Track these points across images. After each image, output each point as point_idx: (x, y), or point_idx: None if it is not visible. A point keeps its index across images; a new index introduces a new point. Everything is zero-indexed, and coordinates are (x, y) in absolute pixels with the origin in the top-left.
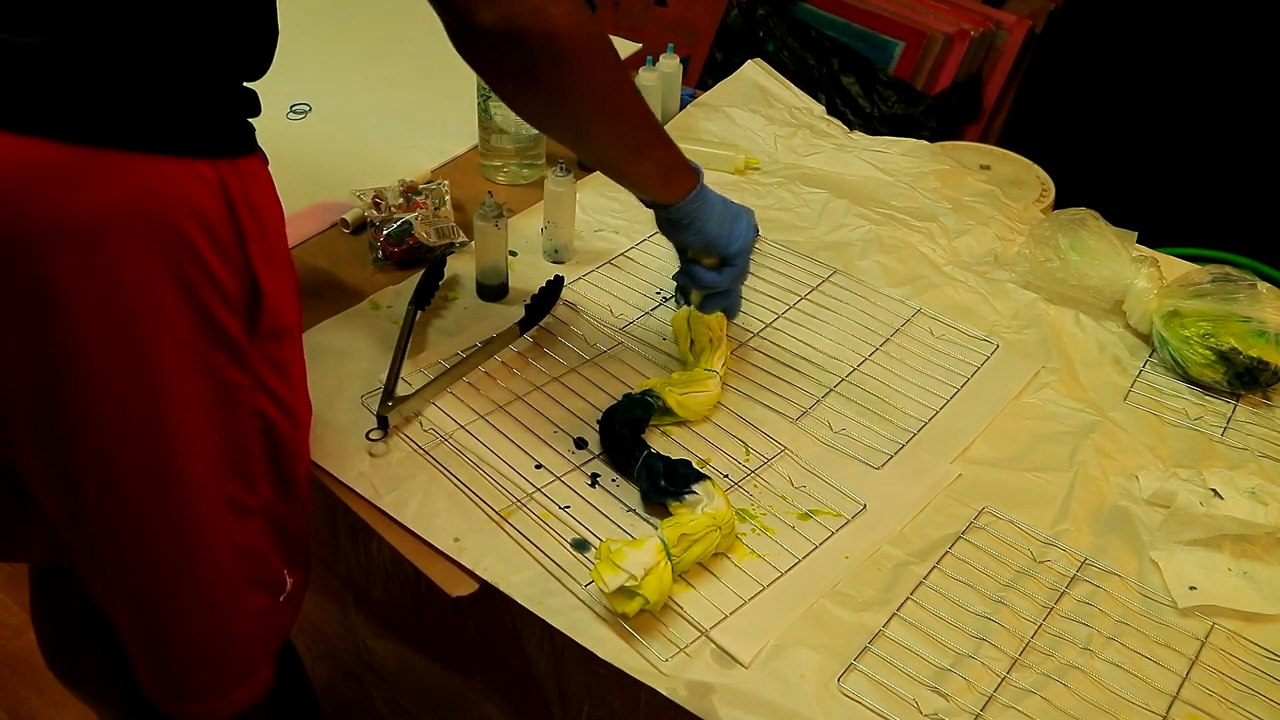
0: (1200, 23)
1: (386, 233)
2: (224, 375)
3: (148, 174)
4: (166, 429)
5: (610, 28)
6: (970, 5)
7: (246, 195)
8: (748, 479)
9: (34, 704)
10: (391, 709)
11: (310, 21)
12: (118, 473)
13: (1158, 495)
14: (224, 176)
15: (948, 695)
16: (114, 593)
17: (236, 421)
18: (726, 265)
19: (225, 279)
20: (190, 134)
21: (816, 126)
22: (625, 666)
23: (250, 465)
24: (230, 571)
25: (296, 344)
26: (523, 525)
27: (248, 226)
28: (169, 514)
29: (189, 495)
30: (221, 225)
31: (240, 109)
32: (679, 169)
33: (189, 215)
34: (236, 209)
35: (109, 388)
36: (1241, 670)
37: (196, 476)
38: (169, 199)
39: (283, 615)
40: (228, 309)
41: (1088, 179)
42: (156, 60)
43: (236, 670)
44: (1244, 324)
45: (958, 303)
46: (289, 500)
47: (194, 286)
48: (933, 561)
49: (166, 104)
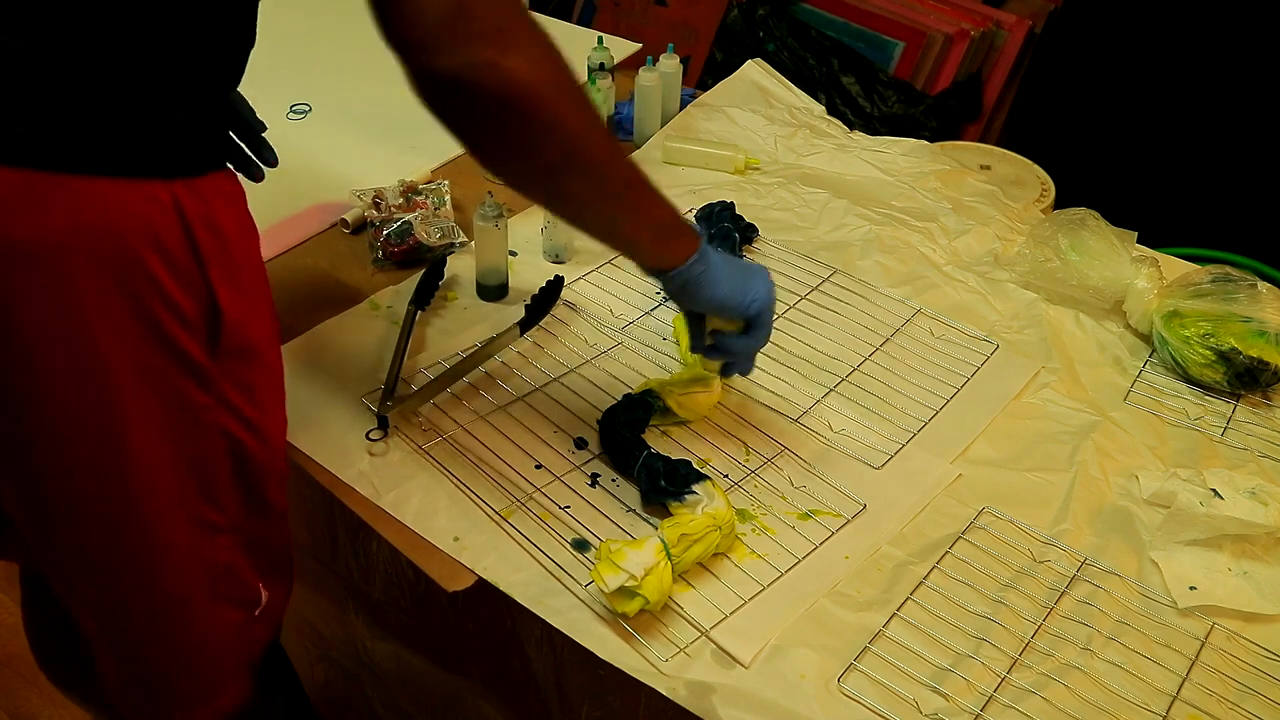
0: (1200, 23)
1: (386, 233)
2: (185, 395)
3: (99, 197)
4: (125, 449)
5: (610, 28)
6: (970, 5)
7: (206, 215)
8: (748, 479)
9: (34, 704)
10: (390, 710)
11: (310, 22)
12: (79, 492)
13: (1158, 495)
14: (179, 197)
15: (948, 695)
16: (83, 607)
17: (200, 441)
18: (751, 328)
19: (182, 300)
20: (142, 156)
21: (816, 126)
22: (625, 666)
23: (217, 484)
24: (198, 588)
25: (268, 362)
26: (523, 525)
27: (206, 247)
28: (132, 532)
29: (152, 514)
30: (176, 247)
31: (200, 127)
32: (675, 231)
33: (141, 238)
34: (193, 229)
35: (65, 409)
36: (1241, 670)
37: (159, 495)
38: (121, 222)
39: (258, 629)
40: (186, 330)
41: (1088, 179)
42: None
43: (206, 685)
44: (1244, 324)
45: (958, 303)
46: (261, 517)
47: (149, 308)
48: (933, 561)
49: (117, 126)
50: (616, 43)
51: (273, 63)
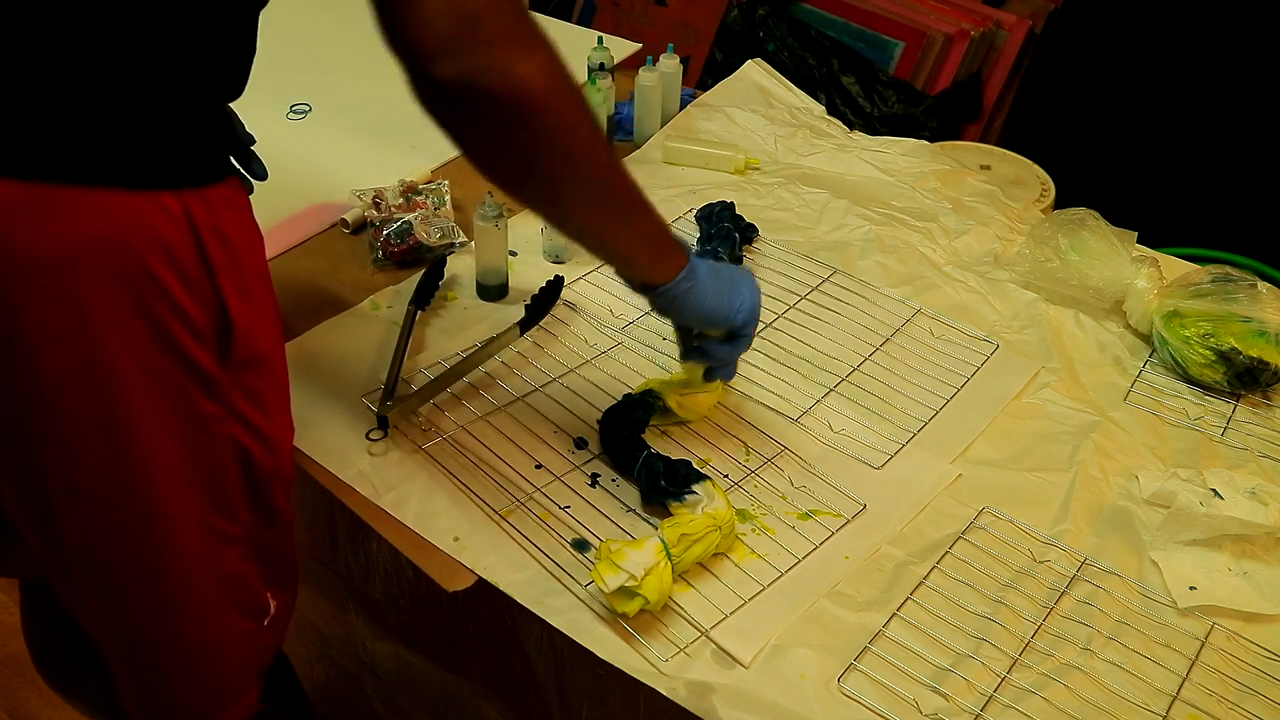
0: (1200, 23)
1: (386, 233)
2: (195, 406)
3: (108, 209)
4: (136, 461)
5: (610, 28)
6: (970, 5)
7: (216, 224)
8: (748, 479)
9: (34, 704)
10: (390, 710)
11: (310, 22)
12: (89, 504)
13: (1158, 495)
14: (189, 207)
15: (948, 695)
16: (94, 619)
17: (211, 451)
18: (735, 336)
19: (193, 310)
20: (152, 167)
21: (816, 126)
22: (625, 666)
23: (229, 494)
24: (212, 599)
25: (275, 370)
26: (523, 525)
27: (216, 256)
28: (144, 544)
29: (165, 526)
30: (187, 257)
31: (208, 136)
32: (667, 246)
33: (152, 248)
34: (204, 239)
35: (76, 421)
36: (1241, 670)
37: (171, 507)
38: (131, 233)
39: (267, 638)
40: (197, 340)
41: (1088, 179)
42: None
43: (221, 695)
44: (1244, 324)
45: (958, 303)
46: (270, 525)
47: (160, 319)
48: (933, 561)
49: (126, 138)
50: (616, 43)
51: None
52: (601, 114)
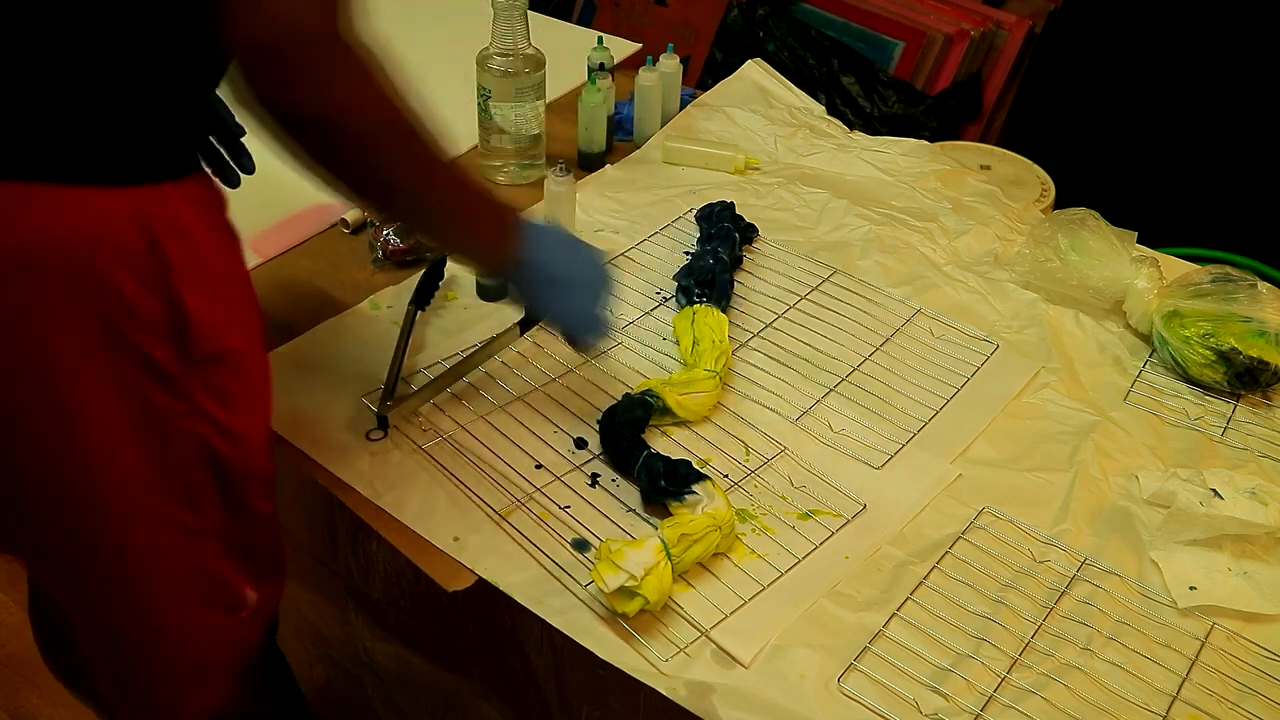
0: (1200, 23)
1: (386, 233)
2: (153, 402)
3: (54, 205)
4: (88, 457)
5: (610, 28)
6: (970, 5)
7: (173, 220)
8: (748, 479)
9: (34, 704)
10: (390, 710)
11: None
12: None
13: (1158, 495)
14: (142, 204)
15: (948, 695)
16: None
17: (173, 447)
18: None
19: (146, 307)
20: (101, 163)
21: (816, 126)
22: (625, 666)
23: (195, 490)
24: (174, 592)
25: (246, 367)
26: (523, 525)
27: (174, 253)
28: (99, 537)
29: (119, 518)
30: (138, 254)
31: (167, 134)
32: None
33: (98, 245)
34: (157, 236)
35: (24, 417)
36: (1241, 670)
37: (126, 500)
38: (77, 230)
39: (246, 631)
40: (152, 336)
41: (1088, 179)
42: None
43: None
44: (1244, 324)
45: (958, 303)
46: (245, 521)
47: (109, 316)
48: (933, 561)
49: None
50: (616, 43)
51: None
52: (601, 114)
